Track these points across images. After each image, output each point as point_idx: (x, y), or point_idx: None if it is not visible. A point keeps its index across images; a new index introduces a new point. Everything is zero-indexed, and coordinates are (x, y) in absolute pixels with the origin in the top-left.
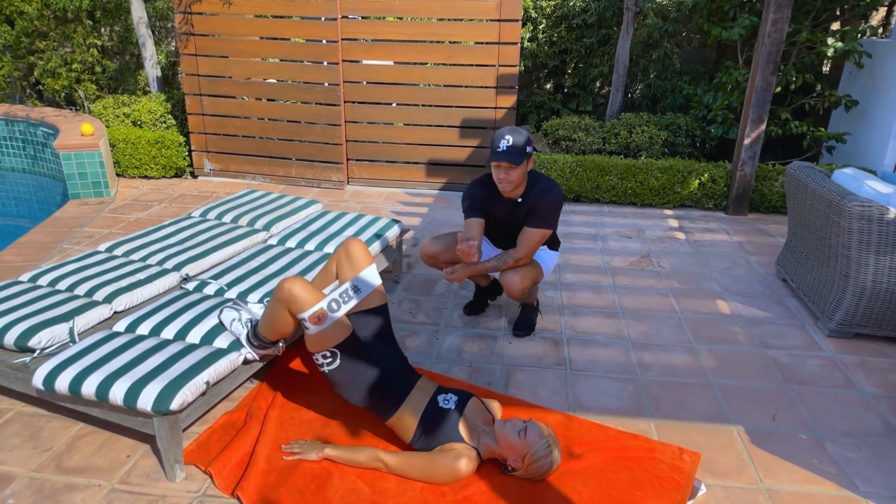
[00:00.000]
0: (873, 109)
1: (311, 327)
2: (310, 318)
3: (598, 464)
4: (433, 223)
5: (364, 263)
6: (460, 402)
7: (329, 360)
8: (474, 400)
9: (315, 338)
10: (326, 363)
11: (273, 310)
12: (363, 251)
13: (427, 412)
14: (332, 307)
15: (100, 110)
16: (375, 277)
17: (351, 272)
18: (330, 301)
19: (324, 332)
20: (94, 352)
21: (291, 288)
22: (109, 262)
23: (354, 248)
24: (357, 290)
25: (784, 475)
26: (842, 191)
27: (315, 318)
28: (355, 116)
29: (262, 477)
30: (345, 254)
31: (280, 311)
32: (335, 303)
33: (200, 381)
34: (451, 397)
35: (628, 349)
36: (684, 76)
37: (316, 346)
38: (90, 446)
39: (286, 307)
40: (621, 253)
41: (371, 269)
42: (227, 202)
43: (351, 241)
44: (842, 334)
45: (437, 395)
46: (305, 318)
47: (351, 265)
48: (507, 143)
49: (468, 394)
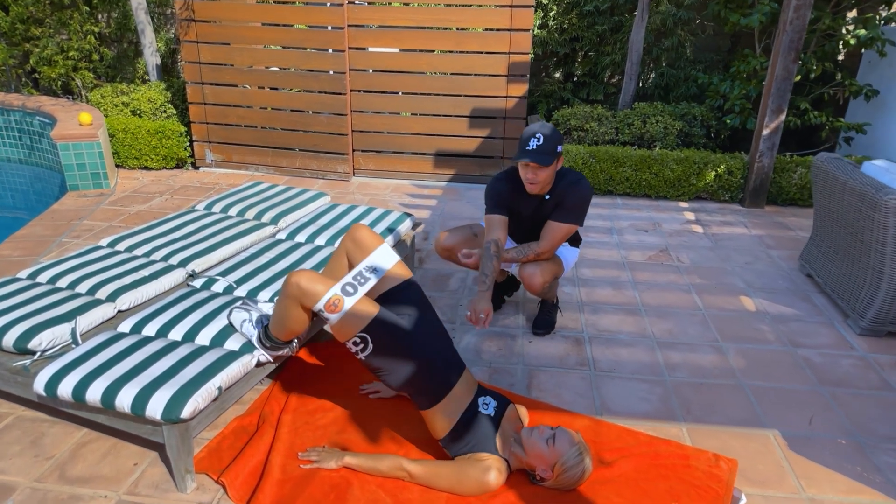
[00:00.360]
0: (892, 98)
1: (330, 316)
2: (326, 307)
3: (631, 472)
4: (443, 216)
5: (374, 244)
6: (499, 408)
7: (360, 346)
8: (512, 407)
9: (338, 326)
10: (359, 350)
11: (283, 307)
12: (370, 234)
13: (466, 414)
14: (347, 290)
15: (98, 99)
16: (390, 254)
17: (362, 256)
18: (344, 285)
19: (345, 318)
20: (99, 355)
21: (299, 281)
22: (112, 258)
23: (359, 233)
24: (373, 270)
25: (827, 484)
26: (876, 184)
27: (331, 306)
28: (361, 106)
29: (278, 487)
30: (351, 241)
31: (291, 308)
32: (350, 286)
33: (212, 387)
34: (490, 401)
35: (654, 348)
36: (697, 65)
37: (342, 335)
38: (95, 454)
39: (298, 302)
40: (639, 247)
41: (383, 248)
42: (233, 194)
43: (355, 227)
44: (873, 333)
45: (477, 397)
46: (321, 307)
47: (360, 250)
48: (537, 141)
49: (506, 399)
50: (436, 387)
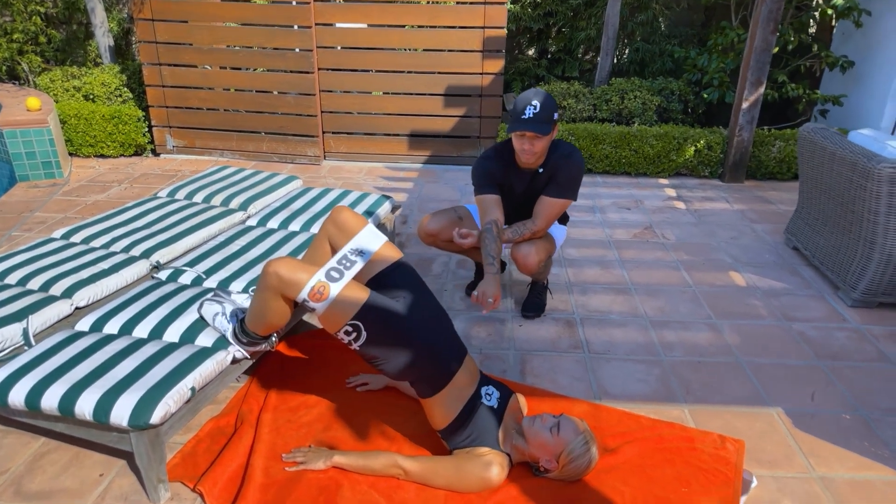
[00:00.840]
0: (868, 70)
1: (317, 305)
2: (310, 296)
3: (636, 458)
4: (421, 199)
5: (358, 226)
6: (502, 399)
7: (353, 335)
8: (514, 398)
9: (326, 316)
10: (353, 340)
11: (262, 300)
12: (353, 215)
13: (469, 405)
14: (331, 276)
15: (47, 84)
16: (377, 235)
17: (346, 239)
18: (328, 270)
19: (333, 306)
20: (55, 357)
21: (278, 270)
22: (67, 251)
23: (342, 215)
24: (359, 253)
25: (836, 461)
26: (867, 152)
27: (316, 294)
28: (330, 85)
29: (261, 492)
30: (333, 225)
31: (271, 300)
32: (335, 271)
33: (184, 388)
34: (493, 392)
35: (647, 328)
36: (672, 40)
37: (332, 325)
38: (55, 465)
39: (278, 293)
40: (622, 225)
41: (368, 228)
42: (197, 180)
43: (336, 209)
44: (865, 304)
45: (480, 387)
46: (306, 296)
47: (344, 233)
48: (533, 109)
49: (509, 390)
50: (438, 373)
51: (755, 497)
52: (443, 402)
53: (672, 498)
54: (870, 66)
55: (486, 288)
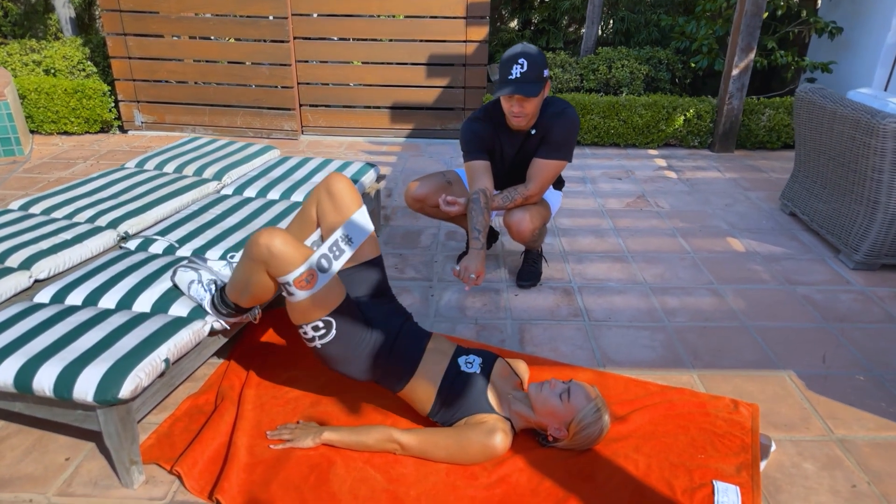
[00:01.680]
0: (856, 36)
1: (298, 293)
2: (296, 282)
3: (648, 425)
4: (405, 173)
5: (354, 205)
6: (485, 364)
7: (322, 331)
8: (500, 361)
9: (302, 306)
10: (319, 336)
11: (246, 271)
12: (350, 189)
13: (447, 378)
14: (322, 265)
15: (3, 58)
16: (368, 222)
17: (338, 217)
18: (319, 258)
19: (314, 297)
20: (10, 329)
21: (270, 243)
22: (24, 222)
23: (339, 185)
24: (349, 241)
25: (854, 423)
26: (870, 109)
27: (302, 282)
28: (307, 55)
29: (246, 472)
30: (326, 193)
31: (256, 273)
32: (325, 259)
33: (157, 359)
34: (474, 359)
35: (647, 294)
36: (658, 9)
37: (303, 317)
38: (15, 451)
39: (264, 267)
40: (614, 195)
41: (362, 211)
42: (167, 150)
43: (334, 176)
44: (868, 266)
45: (457, 358)
46: (290, 280)
47: (336, 208)
48: (520, 68)
49: (493, 354)
50: (402, 367)
51: (775, 461)
52: (418, 387)
53: (689, 465)
54: (858, 32)
55: (468, 263)
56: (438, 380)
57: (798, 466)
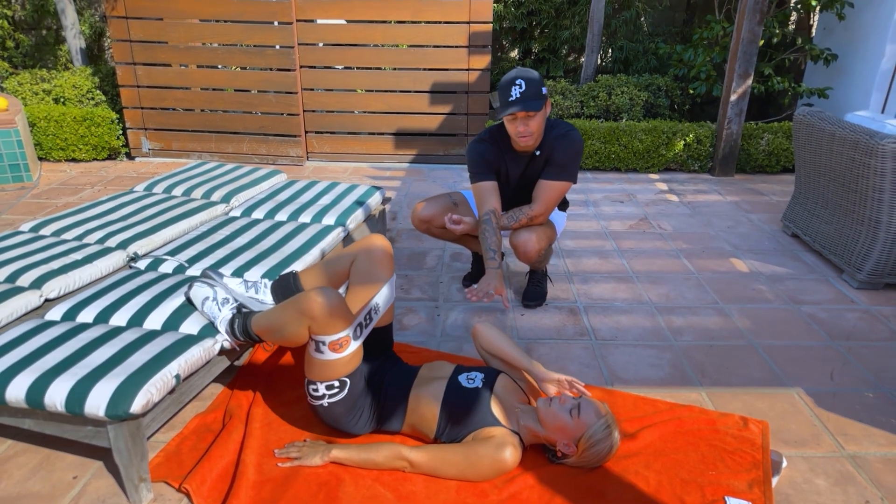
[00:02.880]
0: (851, 62)
1: (329, 354)
2: (331, 344)
3: (658, 442)
4: (409, 197)
5: (389, 271)
6: (487, 379)
7: (336, 391)
8: (504, 376)
9: (328, 365)
10: (330, 395)
11: (286, 318)
12: (389, 256)
13: (449, 396)
14: (356, 333)
15: (14, 87)
16: (394, 289)
17: (371, 284)
18: (356, 325)
19: (341, 360)
20: (22, 346)
21: (325, 304)
22: (35, 243)
23: (380, 248)
24: (378, 309)
25: (865, 439)
26: (868, 130)
27: (336, 346)
28: (313, 83)
29: (255, 490)
30: (366, 255)
31: (296, 324)
32: (360, 328)
33: (168, 375)
34: (476, 375)
35: (653, 314)
36: (655, 38)
37: (323, 375)
38: (23, 469)
39: (307, 322)
40: (617, 217)
41: (392, 281)
42: (176, 175)
43: (377, 238)
44: (871, 286)
45: (457, 376)
46: (325, 342)
47: (371, 273)
48: (519, 88)
49: (495, 370)
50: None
51: (787, 477)
52: (416, 416)
53: (700, 481)
54: (852, 58)
55: (488, 282)
56: (438, 400)
57: (810, 483)
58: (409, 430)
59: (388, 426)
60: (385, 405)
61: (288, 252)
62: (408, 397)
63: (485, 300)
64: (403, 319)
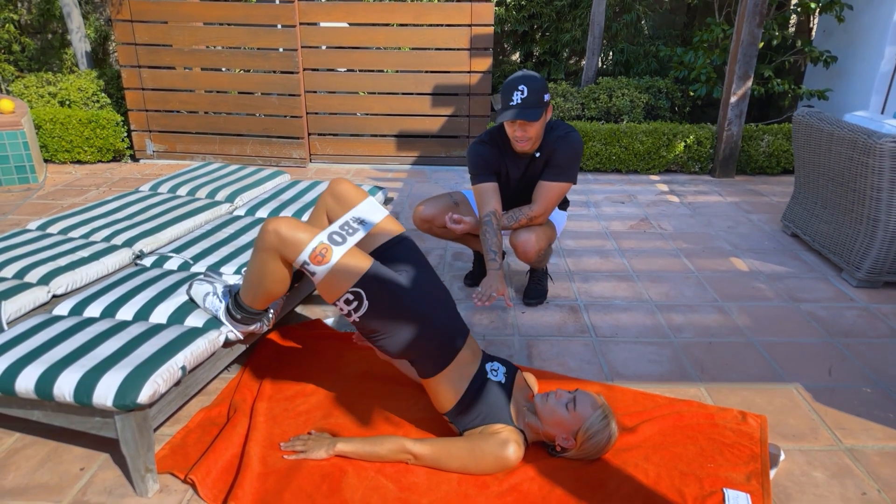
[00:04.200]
0: (850, 65)
1: (317, 269)
2: (311, 258)
3: (657, 436)
4: (411, 198)
5: (358, 198)
6: (509, 374)
7: (354, 304)
8: (520, 374)
9: (326, 281)
10: (353, 310)
11: (259, 263)
12: (353, 188)
13: (475, 382)
14: (334, 239)
15: (20, 90)
16: (378, 208)
17: (345, 211)
18: (330, 233)
19: (335, 270)
20: (31, 339)
21: (278, 228)
22: (42, 241)
23: (341, 187)
24: (361, 223)
25: (863, 433)
26: (866, 130)
27: (318, 257)
28: (316, 86)
29: (259, 481)
30: (332, 197)
31: (270, 263)
32: (337, 235)
33: (174, 366)
34: (499, 367)
35: (653, 311)
36: (656, 41)
37: (332, 293)
38: (31, 461)
39: (277, 254)
40: (618, 217)
41: (369, 201)
42: (180, 175)
43: (335, 181)
44: (870, 284)
45: (485, 364)
46: (307, 258)
47: (342, 205)
48: (520, 94)
49: (514, 366)
50: (442, 349)
51: (785, 470)
52: (448, 381)
53: (699, 473)
54: (852, 61)
55: (490, 283)
56: (466, 382)
57: (808, 475)
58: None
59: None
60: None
61: None
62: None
63: (487, 303)
64: None
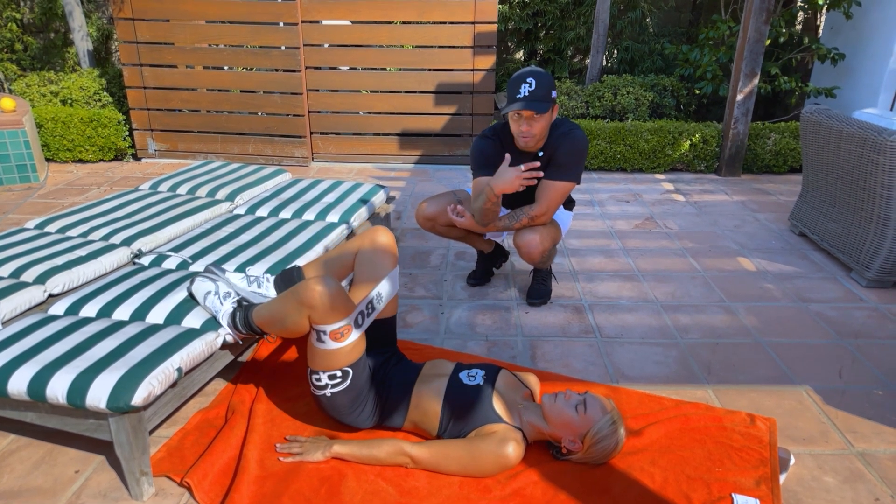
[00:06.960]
0: (858, 62)
1: (331, 343)
2: (332, 333)
3: (663, 439)
4: (414, 197)
5: (392, 263)
6: (488, 376)
7: (338, 381)
8: (505, 373)
9: (329, 355)
10: (333, 384)
11: (286, 308)
12: (392, 245)
13: (450, 393)
14: (357, 322)
15: (22, 89)
16: (397, 282)
17: (374, 273)
18: (357, 314)
19: (343, 349)
20: (25, 339)
21: (323, 293)
22: (40, 240)
23: (383, 239)
24: (380, 299)
25: (874, 437)
26: (877, 127)
27: (337, 335)
28: (318, 84)
29: (257, 485)
30: (371, 245)
31: (296, 314)
32: (361, 316)
33: (170, 368)
34: (476, 372)
35: (659, 312)
36: (661, 38)
37: (325, 365)
38: (24, 463)
39: (307, 312)
40: (622, 216)
41: (396, 271)
42: (181, 174)
43: (380, 230)
44: (880, 284)
45: (458, 374)
46: (326, 332)
47: (375, 263)
48: (528, 87)
49: (496, 367)
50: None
51: (795, 475)
52: (419, 413)
53: (707, 478)
54: (860, 58)
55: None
56: (440, 397)
57: (819, 480)
58: (411, 427)
59: (390, 422)
60: (388, 400)
61: (291, 249)
62: (410, 394)
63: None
64: (407, 317)
